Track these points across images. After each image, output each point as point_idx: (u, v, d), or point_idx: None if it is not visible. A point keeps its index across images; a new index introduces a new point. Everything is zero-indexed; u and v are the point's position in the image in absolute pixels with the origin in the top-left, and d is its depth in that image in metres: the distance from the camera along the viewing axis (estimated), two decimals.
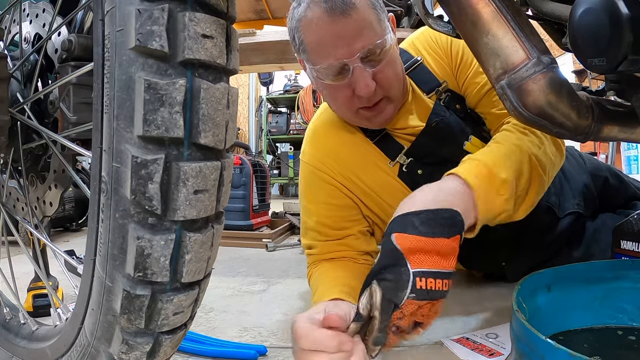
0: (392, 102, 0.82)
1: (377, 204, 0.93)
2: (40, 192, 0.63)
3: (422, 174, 0.88)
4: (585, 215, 0.99)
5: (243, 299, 1.05)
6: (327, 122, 0.96)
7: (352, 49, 0.73)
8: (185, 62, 0.37)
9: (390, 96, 0.80)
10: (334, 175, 0.92)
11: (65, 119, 0.53)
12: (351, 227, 0.91)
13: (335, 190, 0.92)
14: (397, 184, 0.90)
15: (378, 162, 0.91)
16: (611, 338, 0.62)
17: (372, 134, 0.91)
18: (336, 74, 0.77)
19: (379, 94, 0.78)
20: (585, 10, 0.41)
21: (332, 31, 0.73)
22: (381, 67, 0.76)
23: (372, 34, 0.74)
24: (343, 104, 0.82)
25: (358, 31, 0.73)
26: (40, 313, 0.90)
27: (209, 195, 0.40)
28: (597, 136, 0.48)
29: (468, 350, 0.69)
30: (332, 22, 0.72)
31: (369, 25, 0.74)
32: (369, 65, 0.75)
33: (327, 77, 0.78)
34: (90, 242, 0.43)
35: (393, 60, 0.79)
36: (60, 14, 0.54)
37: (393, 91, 0.80)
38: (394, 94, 0.81)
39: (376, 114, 0.82)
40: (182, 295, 0.41)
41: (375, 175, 0.91)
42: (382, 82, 0.77)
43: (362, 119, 0.84)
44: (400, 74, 0.82)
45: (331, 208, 0.92)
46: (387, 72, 0.77)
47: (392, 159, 0.90)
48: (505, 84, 0.46)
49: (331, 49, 0.74)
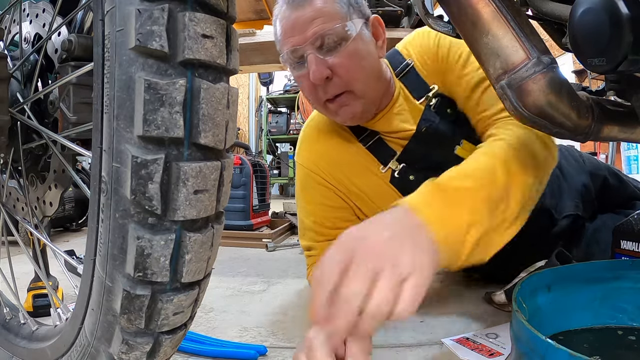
0: (358, 98, 0.80)
1: (369, 208, 0.93)
2: (40, 192, 0.63)
3: (414, 180, 0.88)
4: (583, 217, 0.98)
5: (243, 299, 1.05)
6: (320, 124, 0.97)
7: (304, 35, 0.77)
8: (185, 62, 0.37)
9: (353, 90, 0.79)
10: (326, 177, 0.93)
11: (65, 119, 0.53)
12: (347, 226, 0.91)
13: (329, 191, 0.93)
14: (389, 190, 0.90)
15: (370, 166, 0.91)
16: (611, 338, 0.62)
17: (365, 138, 0.91)
18: (295, 62, 0.80)
19: (337, 85, 0.78)
20: (585, 10, 0.41)
21: (290, 21, 0.78)
22: (339, 56, 0.76)
23: (326, 23, 0.76)
24: (309, 96, 0.83)
25: (311, 20, 0.76)
26: (40, 313, 0.90)
27: (209, 195, 0.40)
28: (597, 136, 0.48)
29: (468, 350, 0.69)
30: (291, 14, 0.78)
31: (325, 14, 0.77)
32: (325, 54, 0.77)
33: (290, 67, 0.81)
34: (90, 242, 0.43)
35: (357, 54, 0.78)
36: (60, 14, 0.54)
37: (357, 85, 0.79)
38: (359, 89, 0.79)
39: (338, 107, 0.81)
40: (182, 295, 0.41)
41: (368, 179, 0.91)
42: (340, 72, 0.77)
43: (330, 113, 0.84)
44: (369, 71, 0.80)
45: (326, 209, 0.92)
46: (347, 62, 0.77)
47: (384, 165, 0.90)
48: (505, 84, 0.46)
49: (289, 36, 0.79)
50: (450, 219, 0.51)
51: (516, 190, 0.58)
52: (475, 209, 0.53)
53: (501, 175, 0.58)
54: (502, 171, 0.58)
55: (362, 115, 0.84)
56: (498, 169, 0.59)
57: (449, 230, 0.50)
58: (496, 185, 0.57)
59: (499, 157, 0.60)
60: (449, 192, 0.54)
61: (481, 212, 0.54)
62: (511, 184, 0.58)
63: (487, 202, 0.55)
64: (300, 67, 0.80)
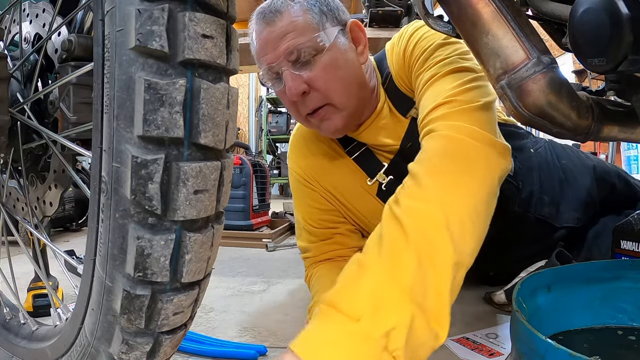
0: (339, 110, 0.77)
1: (357, 217, 0.94)
2: (40, 192, 0.63)
3: None
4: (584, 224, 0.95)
5: (243, 299, 1.05)
6: (306, 134, 0.96)
7: (276, 52, 0.74)
8: (185, 62, 0.37)
9: (334, 103, 0.76)
10: (314, 184, 0.94)
11: (65, 119, 0.53)
12: (339, 227, 0.93)
13: (317, 196, 0.94)
14: (376, 202, 0.88)
15: (357, 178, 0.90)
16: (611, 338, 0.62)
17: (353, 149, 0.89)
18: (272, 79, 0.78)
19: (315, 99, 0.75)
20: (585, 10, 0.41)
21: (262, 39, 0.76)
22: (315, 69, 0.73)
23: (298, 37, 0.73)
24: (290, 111, 0.82)
25: (282, 35, 0.73)
26: (40, 313, 0.90)
27: (209, 195, 0.40)
28: (597, 136, 0.48)
29: (468, 350, 0.69)
30: (263, 30, 0.76)
31: (296, 27, 0.73)
32: (300, 69, 0.74)
33: (269, 85, 0.80)
34: (90, 242, 0.43)
35: (333, 65, 0.74)
36: (60, 14, 0.54)
37: (336, 97, 0.75)
38: (339, 101, 0.76)
39: (319, 121, 0.78)
40: (182, 295, 0.41)
41: (354, 191, 0.90)
42: (318, 85, 0.74)
43: (313, 127, 0.82)
44: (348, 80, 0.76)
45: (316, 212, 0.93)
46: (324, 76, 0.74)
47: (371, 177, 0.88)
48: (505, 84, 0.46)
49: (262, 55, 0.77)
50: (352, 348, 0.42)
51: (442, 246, 0.49)
52: (379, 311, 0.44)
53: (408, 246, 0.48)
54: (410, 238, 0.48)
55: (345, 127, 0.80)
56: (402, 242, 0.49)
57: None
58: (403, 263, 0.47)
59: (407, 221, 0.50)
60: (342, 309, 0.45)
61: (391, 310, 0.44)
62: (431, 241, 0.49)
63: (397, 291, 0.45)
64: (279, 84, 0.77)
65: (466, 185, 0.53)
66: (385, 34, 1.68)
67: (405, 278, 0.46)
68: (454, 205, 0.51)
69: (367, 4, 1.70)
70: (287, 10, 0.74)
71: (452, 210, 0.50)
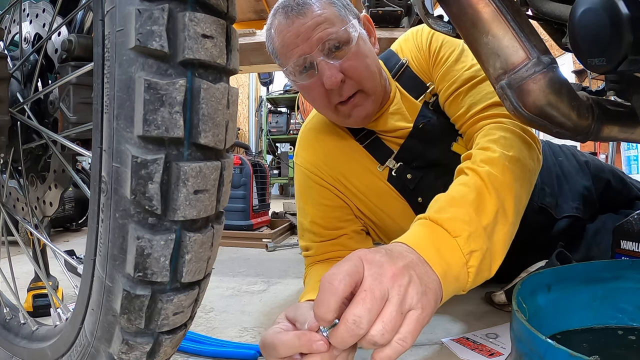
0: (369, 96, 0.82)
1: (367, 207, 0.94)
2: (40, 192, 0.63)
3: (411, 178, 0.89)
4: (584, 218, 0.98)
5: (243, 299, 1.05)
6: (318, 126, 0.98)
7: (310, 42, 0.77)
8: (185, 62, 0.37)
9: (364, 89, 0.81)
10: (325, 177, 0.94)
11: (65, 119, 0.53)
12: (345, 227, 0.92)
13: (327, 191, 0.94)
14: (387, 188, 0.91)
15: (368, 165, 0.92)
16: (611, 338, 0.62)
17: (362, 137, 0.92)
18: (303, 71, 0.80)
19: (350, 86, 0.80)
20: (585, 10, 0.41)
21: (291, 31, 0.78)
22: (348, 59, 0.78)
23: (330, 27, 0.77)
24: (320, 102, 0.84)
25: (314, 26, 0.77)
26: (40, 313, 0.90)
27: (209, 195, 0.40)
28: (597, 136, 0.48)
29: (468, 350, 0.69)
30: (291, 24, 0.78)
31: (326, 20, 0.77)
32: (334, 58, 0.78)
33: (298, 77, 0.81)
34: (90, 242, 0.43)
35: (362, 54, 0.80)
36: (60, 14, 0.54)
37: (367, 84, 0.81)
38: (368, 87, 0.81)
39: (351, 108, 0.82)
40: (182, 295, 0.41)
41: (365, 179, 0.92)
42: (351, 73, 0.78)
43: (342, 116, 0.85)
44: (373, 68, 0.82)
45: (324, 209, 0.93)
46: (355, 64, 0.79)
47: (381, 163, 0.91)
48: (505, 84, 0.46)
49: (293, 47, 0.79)
50: (448, 254, 0.53)
51: (509, 207, 0.61)
52: (471, 236, 0.55)
53: (490, 196, 0.60)
54: (491, 192, 0.60)
55: (373, 113, 0.85)
56: (485, 192, 0.60)
57: (448, 267, 0.52)
58: (486, 208, 0.59)
59: (486, 178, 0.62)
60: (444, 226, 0.56)
61: (477, 238, 0.55)
62: (504, 201, 0.60)
63: (481, 226, 0.57)
64: (308, 76, 0.80)
65: (523, 167, 0.66)
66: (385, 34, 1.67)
67: (486, 219, 0.58)
68: (516, 180, 0.64)
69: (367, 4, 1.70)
70: (314, 3, 0.78)
71: (515, 177, 0.64)
